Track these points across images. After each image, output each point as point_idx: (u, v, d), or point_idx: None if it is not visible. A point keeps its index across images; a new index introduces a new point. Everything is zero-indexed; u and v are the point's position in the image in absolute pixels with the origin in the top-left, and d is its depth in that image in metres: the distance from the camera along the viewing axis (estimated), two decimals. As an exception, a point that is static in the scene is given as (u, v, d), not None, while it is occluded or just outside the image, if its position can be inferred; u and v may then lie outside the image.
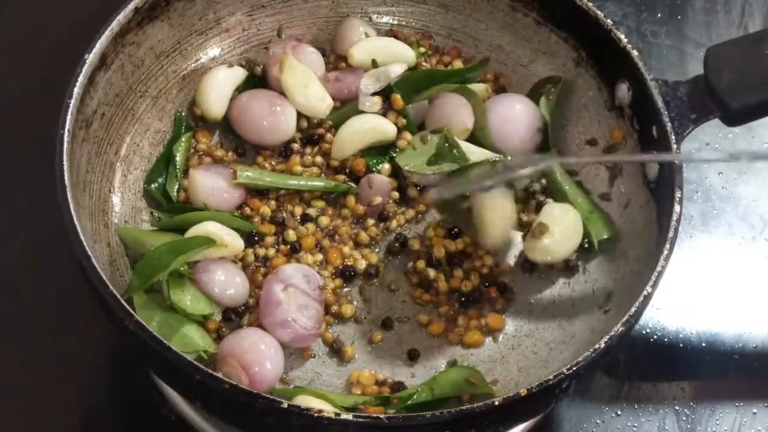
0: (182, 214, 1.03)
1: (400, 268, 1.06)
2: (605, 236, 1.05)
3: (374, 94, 1.09)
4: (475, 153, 1.07)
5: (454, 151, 1.06)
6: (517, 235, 1.07)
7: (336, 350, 1.02)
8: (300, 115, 1.10)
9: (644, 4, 1.36)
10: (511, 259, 1.07)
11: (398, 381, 1.01)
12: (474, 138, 1.09)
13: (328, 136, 1.10)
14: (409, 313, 1.05)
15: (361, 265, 1.05)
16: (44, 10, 1.29)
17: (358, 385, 1.00)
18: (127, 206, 1.05)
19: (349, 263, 1.05)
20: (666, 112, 1.01)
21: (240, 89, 1.11)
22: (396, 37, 1.15)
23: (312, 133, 1.10)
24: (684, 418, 1.09)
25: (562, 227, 1.03)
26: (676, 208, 0.96)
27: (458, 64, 1.14)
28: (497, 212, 1.05)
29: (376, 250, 1.07)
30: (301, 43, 1.12)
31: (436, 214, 1.09)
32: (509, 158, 1.06)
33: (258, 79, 1.12)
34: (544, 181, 1.09)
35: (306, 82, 1.08)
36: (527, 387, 0.87)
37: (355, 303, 1.04)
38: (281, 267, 1.02)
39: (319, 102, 1.08)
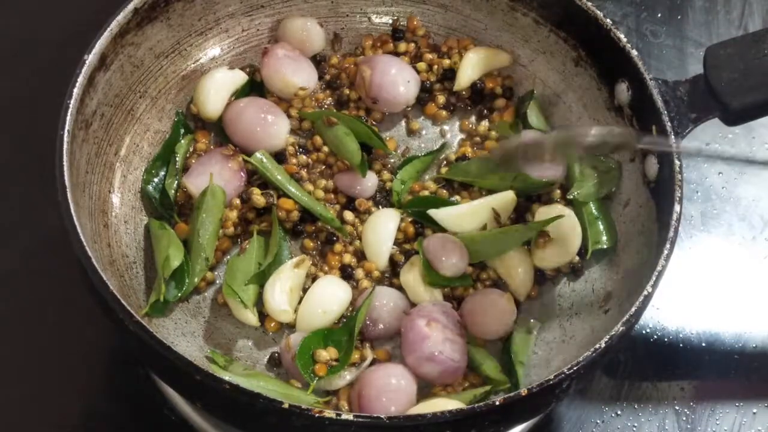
0: None
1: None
2: (603, 246, 1.04)
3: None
4: None
5: None
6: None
7: None
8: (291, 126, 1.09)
9: (644, 4, 1.36)
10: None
11: None
12: None
13: (322, 144, 1.09)
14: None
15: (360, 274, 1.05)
16: (44, 11, 1.29)
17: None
18: (127, 206, 1.05)
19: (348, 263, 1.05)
20: (666, 112, 1.01)
21: (238, 95, 1.10)
22: (398, 30, 1.14)
23: (304, 144, 1.10)
24: (684, 418, 1.09)
25: (562, 230, 1.03)
26: (676, 207, 0.96)
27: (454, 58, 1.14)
28: (521, 267, 1.04)
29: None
30: (296, 53, 1.11)
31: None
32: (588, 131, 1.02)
33: (258, 85, 1.12)
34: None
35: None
36: (527, 387, 0.87)
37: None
38: (421, 304, 1.00)
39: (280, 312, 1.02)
